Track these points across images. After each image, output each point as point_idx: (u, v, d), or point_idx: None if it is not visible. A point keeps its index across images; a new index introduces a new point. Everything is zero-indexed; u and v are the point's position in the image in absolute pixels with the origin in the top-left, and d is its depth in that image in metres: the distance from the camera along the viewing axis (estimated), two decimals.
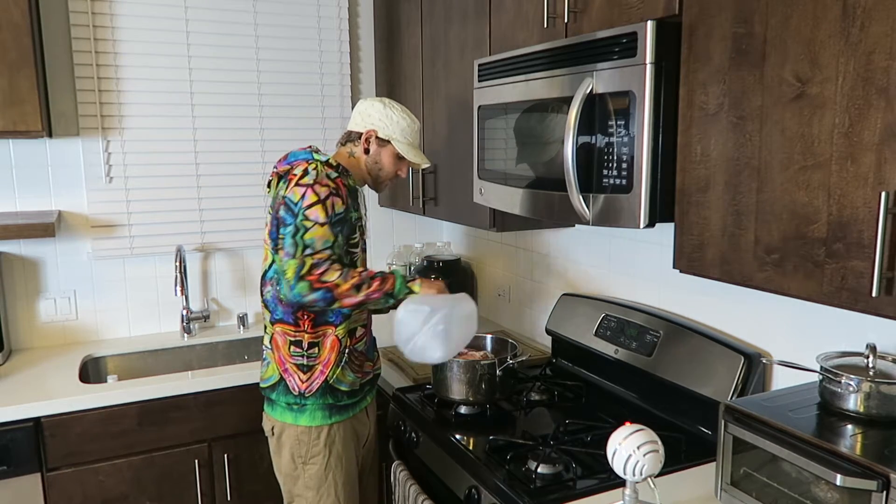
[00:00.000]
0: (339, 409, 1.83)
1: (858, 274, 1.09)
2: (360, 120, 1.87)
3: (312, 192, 1.69)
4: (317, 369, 1.80)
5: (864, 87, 1.06)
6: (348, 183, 1.83)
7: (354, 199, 1.85)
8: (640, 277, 2.07)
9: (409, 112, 1.90)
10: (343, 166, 1.85)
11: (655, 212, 1.43)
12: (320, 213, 1.68)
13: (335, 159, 1.86)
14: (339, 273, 1.68)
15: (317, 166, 1.76)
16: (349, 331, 1.83)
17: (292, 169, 1.79)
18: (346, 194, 1.78)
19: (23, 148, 2.42)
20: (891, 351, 1.39)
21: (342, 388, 1.82)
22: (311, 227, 1.68)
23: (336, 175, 1.79)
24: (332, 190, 1.72)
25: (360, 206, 1.88)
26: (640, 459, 1.21)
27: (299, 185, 1.71)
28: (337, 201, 1.72)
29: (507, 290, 2.75)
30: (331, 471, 1.83)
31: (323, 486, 1.82)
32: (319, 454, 1.82)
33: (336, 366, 1.80)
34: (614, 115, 1.45)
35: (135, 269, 2.64)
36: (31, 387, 2.12)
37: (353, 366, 1.85)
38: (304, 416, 1.81)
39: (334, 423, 1.83)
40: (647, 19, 1.39)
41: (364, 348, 1.89)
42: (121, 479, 2.12)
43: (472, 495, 1.60)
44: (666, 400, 1.84)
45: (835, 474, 1.12)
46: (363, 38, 2.95)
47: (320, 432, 1.81)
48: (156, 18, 2.53)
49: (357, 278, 1.70)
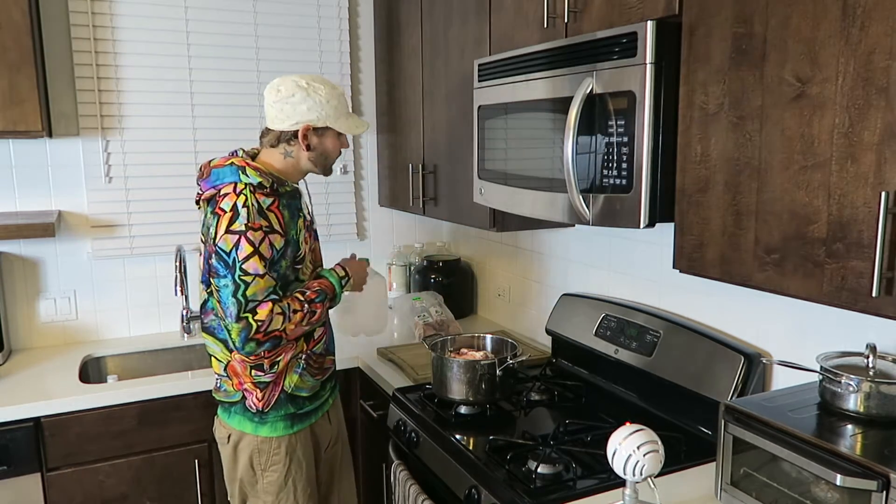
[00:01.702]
0: (300, 416, 1.81)
1: (858, 274, 1.09)
2: (286, 116, 1.69)
3: (247, 242, 1.58)
4: (272, 384, 1.76)
5: (864, 87, 1.06)
6: (286, 190, 1.73)
7: (294, 206, 1.75)
8: (640, 277, 2.07)
9: (326, 80, 1.75)
10: (276, 174, 1.72)
11: (655, 212, 1.43)
12: (259, 265, 1.59)
13: (267, 166, 1.72)
14: (283, 317, 1.63)
15: (246, 199, 1.61)
16: (306, 336, 1.79)
17: (218, 193, 1.65)
18: (280, 218, 1.66)
19: (23, 148, 2.42)
20: (891, 351, 1.39)
21: (303, 395, 1.80)
22: (251, 281, 1.59)
23: (269, 195, 1.66)
24: (266, 229, 1.61)
25: (302, 207, 1.80)
26: (640, 459, 1.21)
27: (230, 231, 1.58)
28: (275, 238, 1.62)
29: (507, 290, 2.75)
30: (291, 477, 1.80)
31: (282, 492, 1.80)
32: (280, 462, 1.79)
33: (291, 374, 1.77)
34: (614, 115, 1.45)
35: (135, 269, 2.64)
36: (30, 387, 2.12)
37: (312, 369, 1.81)
38: (264, 428, 1.77)
39: (296, 431, 1.81)
40: (647, 19, 1.39)
41: (323, 349, 1.85)
42: (121, 479, 2.12)
43: (472, 495, 1.59)
44: (666, 400, 1.84)
45: (835, 474, 1.12)
46: (363, 38, 2.95)
47: (280, 442, 1.78)
48: (156, 18, 2.53)
49: (300, 313, 1.66)
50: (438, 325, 2.57)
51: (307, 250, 1.79)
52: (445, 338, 2.07)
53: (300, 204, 1.80)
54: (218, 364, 1.80)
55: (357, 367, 2.42)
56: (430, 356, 1.96)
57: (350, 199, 2.97)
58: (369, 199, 3.04)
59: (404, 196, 2.67)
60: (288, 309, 1.65)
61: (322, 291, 1.74)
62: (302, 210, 1.80)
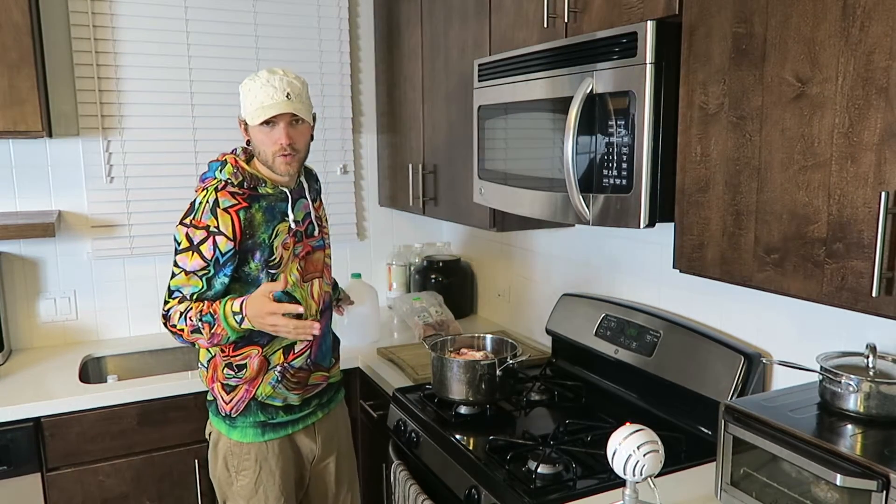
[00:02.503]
0: (273, 426, 1.76)
1: (858, 274, 1.09)
2: None
3: (186, 237, 1.61)
4: (241, 388, 1.72)
5: (864, 87, 1.06)
6: (266, 192, 1.69)
7: (274, 210, 1.69)
8: (640, 277, 2.07)
9: (265, 71, 1.67)
10: (259, 175, 1.70)
11: (655, 212, 1.43)
12: (188, 261, 1.61)
13: (253, 166, 1.72)
14: (181, 316, 1.62)
15: (206, 196, 1.62)
16: (284, 347, 1.73)
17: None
18: (236, 220, 1.60)
19: (23, 148, 2.42)
20: (891, 351, 1.39)
21: (275, 404, 1.75)
22: (178, 273, 1.63)
23: (235, 195, 1.63)
24: (210, 230, 1.59)
25: (288, 212, 1.72)
26: (640, 459, 1.21)
27: (181, 223, 1.63)
28: (220, 240, 1.59)
29: (507, 290, 2.75)
30: (261, 485, 1.76)
31: (253, 499, 1.77)
32: (250, 469, 1.76)
33: (265, 384, 1.73)
34: (614, 115, 1.45)
35: (135, 269, 2.64)
36: (31, 387, 2.12)
37: (290, 383, 1.75)
38: (235, 432, 1.75)
39: (267, 440, 1.76)
40: (647, 19, 1.39)
41: (305, 363, 1.77)
42: (121, 479, 2.12)
43: (472, 495, 1.60)
44: (666, 400, 1.84)
45: (835, 474, 1.12)
46: (363, 38, 2.95)
47: (251, 449, 1.75)
48: (156, 18, 2.53)
49: (191, 323, 1.62)
50: (438, 325, 2.57)
51: (287, 256, 1.72)
52: (445, 338, 2.07)
53: (286, 208, 1.72)
54: (205, 354, 1.77)
55: (357, 367, 2.42)
56: (430, 356, 1.96)
57: (350, 199, 2.97)
58: (369, 199, 3.04)
59: (404, 196, 2.67)
60: (187, 311, 1.62)
61: (211, 315, 1.61)
62: (288, 215, 1.72)
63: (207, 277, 1.63)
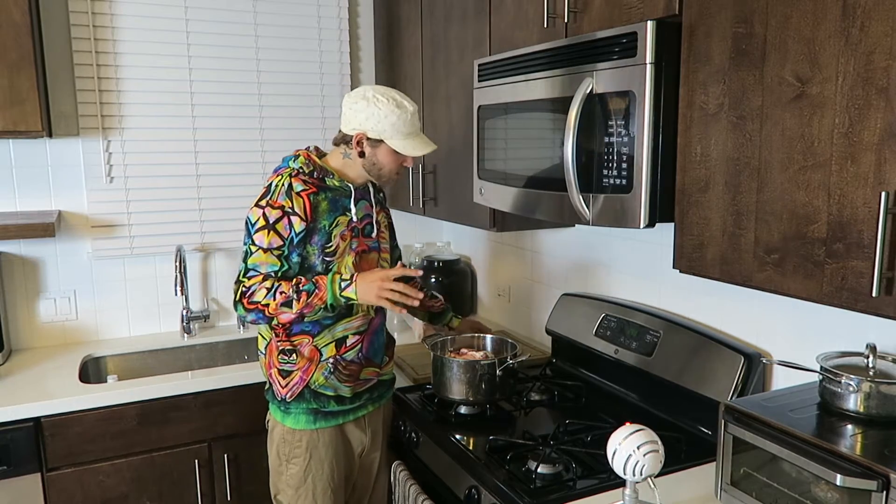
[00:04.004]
0: (325, 414, 1.81)
1: (858, 274, 1.09)
2: (348, 121, 1.77)
3: (262, 217, 1.70)
4: (296, 375, 1.78)
5: (864, 87, 1.06)
6: (333, 184, 1.78)
7: (338, 202, 1.78)
8: (640, 277, 2.07)
9: (400, 96, 1.76)
10: (328, 168, 1.79)
11: (655, 212, 1.43)
12: (265, 239, 1.69)
13: (324, 161, 1.81)
14: (267, 292, 1.68)
15: (281, 180, 1.72)
16: (336, 340, 1.79)
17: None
18: (308, 204, 1.71)
19: (23, 148, 2.42)
20: (891, 351, 1.39)
21: (327, 393, 1.80)
22: (255, 251, 1.70)
23: (306, 182, 1.73)
24: (286, 210, 1.69)
25: (351, 207, 1.80)
26: (640, 459, 1.21)
27: (257, 205, 1.72)
28: (294, 220, 1.69)
29: (507, 290, 2.75)
30: (310, 474, 1.81)
31: (302, 487, 1.82)
32: (300, 456, 1.81)
33: (318, 373, 1.78)
34: (614, 115, 1.45)
35: (135, 269, 2.64)
36: (31, 387, 2.12)
37: (342, 375, 1.80)
38: (289, 419, 1.81)
39: (319, 428, 1.81)
40: (647, 19, 1.39)
41: (357, 357, 1.83)
42: (121, 479, 2.12)
43: (472, 495, 1.60)
44: (666, 400, 1.84)
45: (835, 474, 1.12)
46: (363, 38, 2.95)
47: (302, 436, 1.80)
48: (156, 18, 2.53)
49: (284, 296, 1.68)
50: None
51: (345, 247, 1.78)
52: (445, 338, 2.07)
53: (349, 203, 1.80)
54: (262, 341, 1.85)
55: None
56: (430, 356, 1.96)
57: None
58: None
59: (404, 196, 2.67)
60: (275, 287, 1.69)
61: (313, 283, 1.71)
62: (350, 209, 1.80)
63: (284, 256, 1.71)
